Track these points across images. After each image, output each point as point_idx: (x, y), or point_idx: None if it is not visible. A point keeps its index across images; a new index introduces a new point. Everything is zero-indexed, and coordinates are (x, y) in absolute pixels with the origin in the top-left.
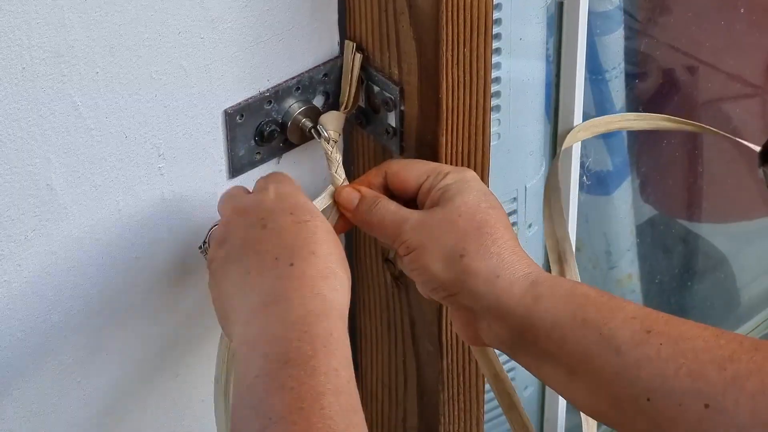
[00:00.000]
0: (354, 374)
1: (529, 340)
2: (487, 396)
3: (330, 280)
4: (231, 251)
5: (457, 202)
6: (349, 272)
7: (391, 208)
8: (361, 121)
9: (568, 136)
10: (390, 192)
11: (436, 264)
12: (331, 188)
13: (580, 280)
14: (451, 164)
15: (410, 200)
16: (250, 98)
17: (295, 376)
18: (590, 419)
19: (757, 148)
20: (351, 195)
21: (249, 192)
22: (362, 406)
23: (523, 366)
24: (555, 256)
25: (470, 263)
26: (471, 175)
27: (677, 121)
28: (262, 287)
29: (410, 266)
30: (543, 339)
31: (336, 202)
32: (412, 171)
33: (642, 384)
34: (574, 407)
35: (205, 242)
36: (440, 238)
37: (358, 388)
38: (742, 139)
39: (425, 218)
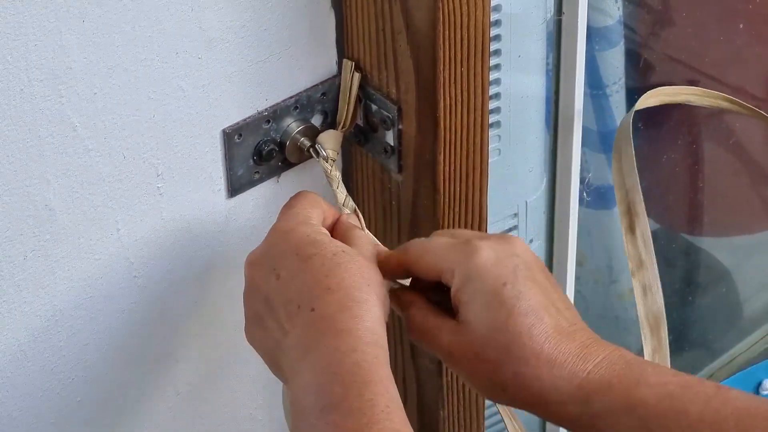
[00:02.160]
0: (396, 394)
1: None
2: (486, 412)
3: (351, 309)
4: (260, 309)
5: (474, 327)
6: (375, 279)
7: (417, 320)
8: (360, 139)
9: (639, 100)
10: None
11: (484, 392)
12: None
13: (650, 234)
14: (449, 183)
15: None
16: (249, 118)
17: (332, 422)
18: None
19: None
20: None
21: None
22: None
23: None
24: (624, 207)
25: (516, 394)
26: (478, 265)
27: (737, 103)
28: (294, 341)
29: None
30: None
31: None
32: (424, 266)
33: None
34: None
35: None
36: (476, 373)
37: None
38: (746, 151)
39: (453, 352)
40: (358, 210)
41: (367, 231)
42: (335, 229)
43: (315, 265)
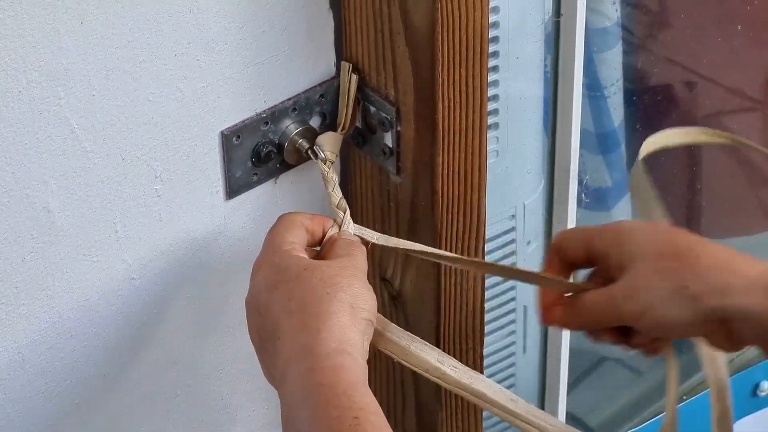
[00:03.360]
0: (367, 399)
1: None
2: (485, 413)
3: (308, 325)
4: (259, 349)
5: (643, 253)
6: (341, 284)
7: (594, 299)
8: (358, 141)
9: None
10: (565, 267)
11: (669, 312)
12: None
13: None
14: (448, 184)
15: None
16: (247, 119)
17: None
18: None
19: None
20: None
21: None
22: None
23: None
24: None
25: (696, 290)
26: (624, 226)
27: (743, 142)
28: (276, 374)
29: (648, 330)
30: None
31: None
32: (571, 243)
33: None
34: None
35: None
36: (656, 289)
37: None
38: (744, 153)
39: (630, 285)
40: (348, 212)
41: (368, 231)
42: (327, 244)
43: (280, 293)
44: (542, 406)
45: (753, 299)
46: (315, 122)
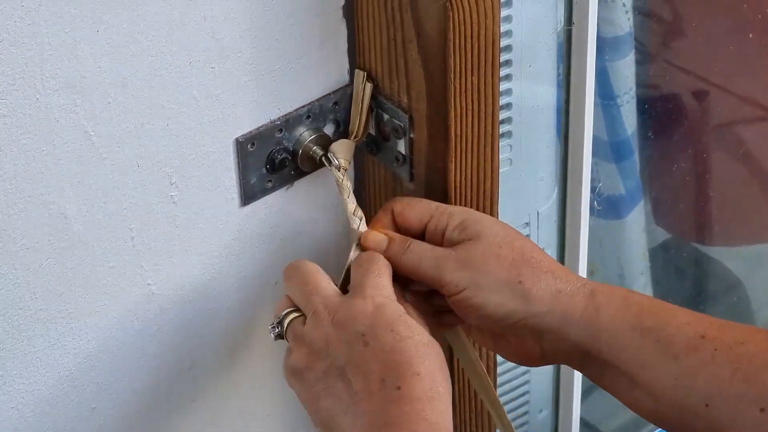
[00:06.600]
0: None
1: (593, 351)
2: None
3: (435, 402)
4: (332, 366)
5: (488, 235)
6: (449, 383)
7: (426, 248)
8: (372, 148)
9: None
10: (398, 231)
11: (495, 297)
12: (358, 233)
13: None
14: (460, 191)
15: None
16: (261, 127)
17: None
18: None
19: None
20: (378, 238)
21: (330, 280)
22: None
23: (587, 377)
24: None
25: (531, 287)
26: (475, 211)
27: None
28: (371, 411)
29: (462, 305)
30: (605, 349)
31: (363, 247)
32: (414, 211)
33: (699, 390)
34: (637, 414)
35: (277, 324)
36: (491, 271)
37: None
38: (756, 161)
39: (466, 256)
40: (364, 220)
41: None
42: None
43: (409, 348)
44: (556, 413)
45: (575, 306)
46: (329, 129)
